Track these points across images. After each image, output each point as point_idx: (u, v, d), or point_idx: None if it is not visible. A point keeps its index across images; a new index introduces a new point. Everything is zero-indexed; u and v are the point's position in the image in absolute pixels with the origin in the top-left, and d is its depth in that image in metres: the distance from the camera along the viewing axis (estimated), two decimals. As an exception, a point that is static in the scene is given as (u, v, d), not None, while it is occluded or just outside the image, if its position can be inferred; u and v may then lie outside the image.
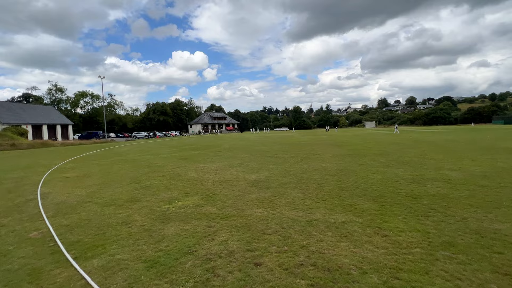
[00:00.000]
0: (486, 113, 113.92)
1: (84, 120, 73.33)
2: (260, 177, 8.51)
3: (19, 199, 6.70)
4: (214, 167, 10.88)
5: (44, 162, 15.03)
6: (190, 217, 4.85)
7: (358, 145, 19.50)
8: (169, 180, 8.53)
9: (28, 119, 44.26)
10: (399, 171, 8.74)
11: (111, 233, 4.21)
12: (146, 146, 26.95)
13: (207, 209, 5.29)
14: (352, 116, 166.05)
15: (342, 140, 26.81)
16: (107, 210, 5.44)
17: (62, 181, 8.92)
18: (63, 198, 6.58)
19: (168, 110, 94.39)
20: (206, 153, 17.20)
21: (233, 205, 5.51)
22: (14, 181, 9.21)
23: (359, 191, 6.36)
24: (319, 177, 8.19)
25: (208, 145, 25.12)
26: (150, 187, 7.57)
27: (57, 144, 33.03)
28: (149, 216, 5.01)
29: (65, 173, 10.75)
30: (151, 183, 8.08)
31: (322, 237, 3.80)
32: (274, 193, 6.38)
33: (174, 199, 6.18)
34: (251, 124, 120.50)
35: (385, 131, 48.65)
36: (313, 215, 4.72)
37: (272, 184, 7.38)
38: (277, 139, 32.03)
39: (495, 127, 60.20)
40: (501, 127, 57.43)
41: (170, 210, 5.33)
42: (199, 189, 7.05)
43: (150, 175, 9.46)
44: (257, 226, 4.29)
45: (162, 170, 10.54)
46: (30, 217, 5.21)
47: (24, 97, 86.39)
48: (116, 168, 11.58)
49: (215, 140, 34.81)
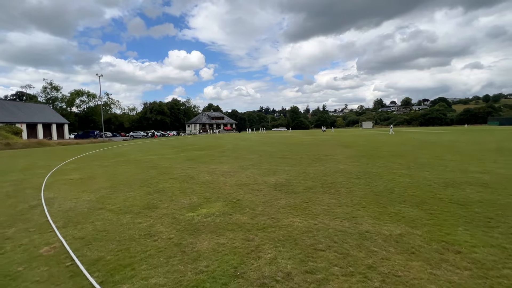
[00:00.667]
0: (481, 114, 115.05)
1: (80, 119, 72.01)
2: (280, 180, 7.98)
3: (21, 205, 6.07)
4: (226, 169, 10.31)
5: (42, 163, 14.30)
6: (222, 228, 4.30)
7: (365, 146, 19.08)
8: (183, 183, 7.95)
9: (23, 117, 43.08)
10: (425, 174, 8.28)
11: (136, 249, 3.64)
12: (147, 146, 26.23)
13: (238, 218, 4.74)
14: (349, 117, 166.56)
15: (345, 140, 26.41)
16: (124, 219, 4.86)
17: (66, 184, 8.28)
18: (71, 204, 5.96)
19: (165, 109, 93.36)
20: (211, 154, 16.61)
21: (264, 213, 4.97)
22: (13, 184, 8.53)
23: (395, 196, 5.86)
24: (344, 180, 7.68)
25: (211, 145, 24.51)
26: (165, 191, 6.99)
27: (53, 144, 32.09)
28: (174, 226, 4.44)
29: (68, 175, 10.08)
30: (164, 187, 7.49)
31: (387, 254, 3.28)
32: (304, 199, 5.85)
33: (196, 205, 5.61)
34: (248, 124, 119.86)
35: (383, 132, 48.46)
36: (362, 226, 4.20)
37: (297, 188, 6.85)
38: (279, 140, 31.53)
39: (490, 128, 60.50)
40: (497, 128, 57.72)
41: (195, 219, 4.77)
42: (219, 194, 6.49)
43: (161, 178, 8.86)
44: (304, 240, 3.75)
45: (171, 172, 9.95)
46: (37, 227, 4.61)
47: (18, 95, 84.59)
48: (121, 170, 10.95)
49: (216, 140, 34.19)
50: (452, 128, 62.59)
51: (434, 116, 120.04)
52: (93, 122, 73.76)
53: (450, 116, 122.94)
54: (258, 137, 40.00)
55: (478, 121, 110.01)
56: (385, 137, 31.03)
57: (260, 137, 39.84)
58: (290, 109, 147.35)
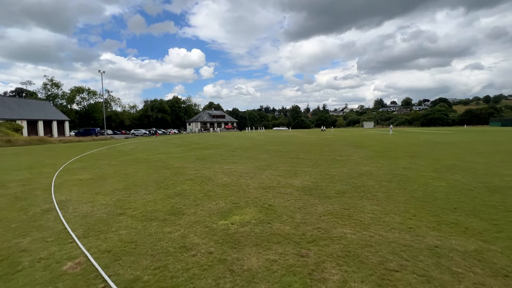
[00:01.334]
0: (483, 115, 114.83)
1: (80, 117, 71.30)
2: (306, 183, 7.48)
3: (32, 209, 5.55)
4: (242, 170, 9.81)
5: (47, 161, 13.76)
6: (265, 240, 3.80)
7: (377, 146, 18.60)
8: (202, 185, 7.44)
9: (23, 114, 42.42)
10: (458, 177, 7.80)
11: (176, 266, 3.14)
12: (151, 145, 25.68)
13: (279, 228, 4.24)
14: (349, 116, 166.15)
15: (352, 140, 25.90)
16: (150, 227, 4.35)
17: (76, 185, 7.76)
18: (87, 209, 5.45)
19: (166, 107, 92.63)
20: (220, 153, 16.09)
21: (306, 222, 4.47)
22: (21, 185, 8.01)
23: (441, 203, 5.37)
24: (375, 184, 7.19)
25: (216, 144, 23.99)
26: (185, 194, 6.48)
27: (54, 141, 31.51)
28: (210, 237, 3.94)
29: (77, 174, 9.55)
30: (183, 189, 6.98)
31: (477, 277, 2.78)
32: (342, 205, 5.35)
33: (226, 211, 5.11)
34: (249, 123, 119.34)
35: (385, 132, 47.98)
36: (426, 239, 3.70)
37: (329, 192, 6.35)
38: (284, 139, 31.03)
39: (493, 129, 60.07)
40: (500, 129, 57.29)
41: (231, 228, 4.26)
42: (247, 198, 5.98)
43: (176, 179, 8.35)
44: (368, 257, 3.26)
45: (186, 173, 9.44)
46: (55, 236, 4.09)
47: (17, 92, 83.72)
48: (131, 170, 10.43)
49: (220, 139, 33.66)
50: (456, 129, 62.19)
51: (435, 117, 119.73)
52: (93, 120, 73.07)
53: (452, 116, 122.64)
54: (262, 136, 39.50)
55: (479, 122, 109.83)
56: (391, 137, 30.55)
57: (263, 136, 39.33)
58: (291, 108, 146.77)
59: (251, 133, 57.81)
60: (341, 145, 20.02)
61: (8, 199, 6.41)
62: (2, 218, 4.99)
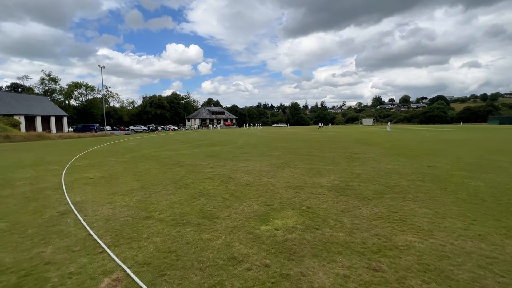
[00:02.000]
0: (482, 113, 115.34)
1: (78, 112, 70.21)
2: (335, 182, 7.04)
3: (48, 211, 5.05)
4: (260, 168, 9.35)
5: (51, 158, 13.18)
6: (324, 250, 3.35)
7: (386, 143, 18.22)
8: (224, 184, 6.98)
9: (21, 109, 41.47)
10: (492, 176, 7.43)
11: (234, 284, 2.68)
12: (154, 141, 25.10)
13: (331, 234, 3.79)
14: (348, 114, 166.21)
15: (358, 137, 25.52)
16: (186, 234, 3.89)
17: (89, 184, 7.25)
18: (108, 211, 4.96)
19: (165, 103, 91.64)
20: (229, 150, 15.61)
21: (358, 227, 4.03)
22: (28, 183, 7.48)
23: (494, 205, 4.96)
24: (409, 183, 6.77)
25: (221, 141, 23.49)
26: (210, 194, 6.01)
27: (54, 137, 30.79)
28: (258, 246, 3.49)
29: (86, 172, 9.03)
30: (205, 189, 6.51)
31: None
32: (387, 207, 4.92)
33: (262, 214, 4.65)
34: (248, 120, 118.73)
35: (385, 129, 47.71)
36: (506, 249, 3.28)
37: (365, 193, 5.92)
38: (287, 135, 30.60)
39: (493, 126, 60.07)
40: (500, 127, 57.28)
41: (278, 235, 3.81)
42: (279, 199, 5.53)
43: (194, 177, 7.87)
44: (455, 272, 2.82)
45: (201, 171, 8.96)
46: (80, 244, 3.61)
47: (13, 87, 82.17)
48: (142, 167, 9.92)
49: (222, 136, 33.14)
50: (456, 127, 62.15)
51: (434, 114, 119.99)
52: (91, 115, 72.01)
53: (450, 114, 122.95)
54: (264, 133, 39.02)
55: (478, 119, 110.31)
56: (396, 134, 30.22)
57: (265, 133, 38.86)
58: (290, 105, 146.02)
59: (251, 130, 57.30)
60: (350, 142, 19.63)
61: (18, 199, 5.90)
62: (16, 222, 4.49)
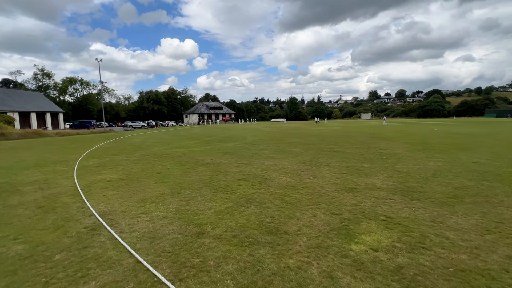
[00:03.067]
0: (478, 106, 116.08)
1: (73, 108, 68.33)
2: (388, 182, 6.25)
3: (72, 226, 4.15)
4: (290, 166, 8.52)
5: (55, 157, 12.17)
6: (463, 282, 2.54)
7: (403, 138, 17.53)
8: (265, 187, 6.13)
9: (14, 105, 39.87)
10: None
11: None
12: (158, 137, 24.07)
13: (452, 257, 2.97)
14: (345, 108, 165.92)
15: (368, 131, 24.79)
16: (263, 258, 3.03)
17: (109, 188, 6.34)
18: (146, 225, 4.08)
19: (162, 99, 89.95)
20: (243, 146, 14.73)
21: (475, 245, 3.22)
22: (38, 188, 6.54)
23: None
24: (476, 184, 6.00)
25: (229, 136, 22.57)
26: (257, 200, 5.16)
27: (51, 134, 29.54)
28: (370, 276, 2.66)
29: (100, 174, 8.09)
30: (247, 193, 5.66)
31: None
32: (481, 215, 4.12)
33: (340, 228, 3.82)
34: (246, 115, 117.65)
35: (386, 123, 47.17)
36: None
37: (435, 196, 5.13)
38: (292, 130, 29.78)
39: (491, 120, 59.89)
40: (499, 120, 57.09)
41: (382, 258, 2.98)
42: (343, 206, 4.70)
43: (225, 179, 7.01)
44: None
45: (228, 170, 8.09)
46: (133, 279, 2.74)
47: (4, 83, 79.67)
48: (160, 167, 9.01)
49: (227, 131, 32.17)
50: (458, 120, 61.95)
51: (432, 108, 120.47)
52: (87, 112, 70.23)
53: (447, 108, 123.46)
54: (268, 128, 38.13)
55: (474, 113, 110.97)
56: (403, 128, 29.59)
57: (269, 128, 37.98)
58: (288, 99, 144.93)
59: (251, 125, 56.32)
60: (365, 137, 18.88)
61: (31, 210, 4.97)
62: (37, 243, 3.59)
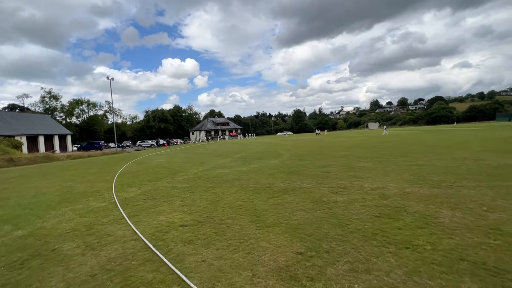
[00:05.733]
0: (488, 110, 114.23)
1: (80, 130, 67.02)
2: None
3: None
4: (402, 188, 6.33)
5: (80, 187, 10.01)
6: None
7: (467, 145, 15.33)
8: (414, 227, 3.94)
9: (22, 129, 38.25)
10: None
11: None
12: (182, 156, 21.95)
13: None
14: (350, 118, 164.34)
15: (409, 139, 22.61)
16: None
17: (196, 243, 4.13)
18: None
19: (168, 116, 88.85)
20: (293, 164, 12.54)
21: None
22: (86, 247, 4.32)
23: None
24: None
25: (259, 152, 20.39)
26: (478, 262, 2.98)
27: (62, 158, 27.56)
28: None
29: (159, 213, 5.88)
30: (444, 248, 3.47)
31: None
32: None
33: None
34: (252, 129, 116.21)
35: (398, 132, 45.00)
36: None
37: None
38: (317, 143, 27.65)
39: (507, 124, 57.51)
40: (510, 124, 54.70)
41: None
42: None
43: (356, 217, 4.82)
44: None
45: (328, 199, 5.90)
46: None
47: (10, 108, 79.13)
48: (233, 197, 6.81)
49: (247, 147, 30.00)
50: (479, 125, 59.66)
51: (441, 115, 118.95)
52: (94, 133, 68.87)
53: (455, 113, 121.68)
54: (288, 142, 36.03)
55: (484, 117, 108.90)
56: (433, 135, 27.35)
57: (288, 142, 35.88)
58: (293, 112, 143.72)
59: (261, 139, 54.27)
60: (421, 146, 16.70)
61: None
62: None
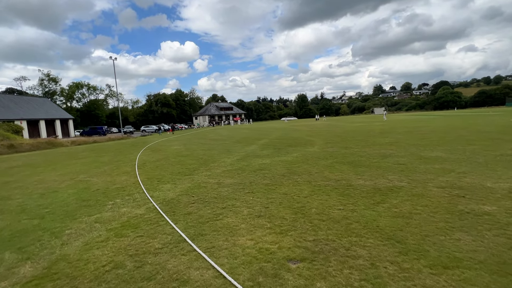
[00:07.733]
0: (498, 95, 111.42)
1: (81, 114, 64.86)
2: None
3: None
4: None
5: (98, 182, 8.24)
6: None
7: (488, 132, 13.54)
8: None
9: (22, 113, 36.24)
10: None
11: None
12: (198, 143, 20.11)
13: None
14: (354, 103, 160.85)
15: (432, 125, 20.77)
16: None
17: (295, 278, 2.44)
18: None
19: (170, 101, 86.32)
20: (341, 152, 10.76)
21: None
22: None
23: None
24: None
25: (280, 138, 18.57)
26: None
27: (66, 144, 25.77)
28: None
29: (232, 230, 4.15)
30: None
31: None
32: None
33: None
34: (255, 114, 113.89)
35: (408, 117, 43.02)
36: None
37: None
38: (334, 129, 25.81)
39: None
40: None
41: None
42: None
43: None
44: None
45: (442, 205, 4.18)
46: None
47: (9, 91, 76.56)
48: (313, 201, 5.08)
49: (261, 132, 28.12)
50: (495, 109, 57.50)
51: (448, 100, 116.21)
52: (95, 117, 66.77)
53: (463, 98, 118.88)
54: (304, 128, 34.14)
55: (494, 102, 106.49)
56: (453, 120, 25.46)
57: (302, 127, 34.01)
58: (297, 97, 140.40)
59: (266, 124, 52.29)
60: (446, 133, 14.90)
61: None
62: None
